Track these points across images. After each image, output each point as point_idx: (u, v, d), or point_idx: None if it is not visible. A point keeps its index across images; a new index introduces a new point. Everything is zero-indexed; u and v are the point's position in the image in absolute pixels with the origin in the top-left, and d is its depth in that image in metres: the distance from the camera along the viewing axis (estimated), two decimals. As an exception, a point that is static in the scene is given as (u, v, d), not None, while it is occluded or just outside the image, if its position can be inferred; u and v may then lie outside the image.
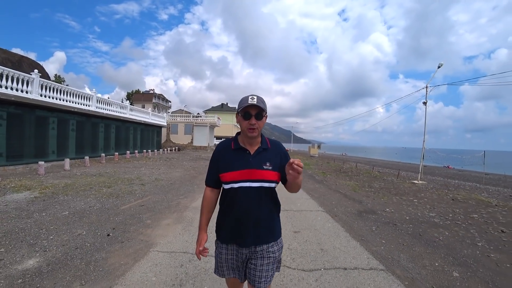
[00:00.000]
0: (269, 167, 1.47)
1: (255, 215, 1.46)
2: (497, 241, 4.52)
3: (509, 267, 3.48)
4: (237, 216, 1.47)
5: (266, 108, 1.49)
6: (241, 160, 1.48)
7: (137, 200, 6.20)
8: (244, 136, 1.51)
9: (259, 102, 1.42)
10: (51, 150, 13.35)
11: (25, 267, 2.91)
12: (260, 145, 1.53)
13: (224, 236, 1.54)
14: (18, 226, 4.23)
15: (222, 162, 1.52)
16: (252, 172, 1.45)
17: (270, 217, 1.53)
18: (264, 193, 1.48)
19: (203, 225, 1.60)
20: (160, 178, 9.80)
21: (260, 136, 1.55)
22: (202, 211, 1.61)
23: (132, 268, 2.90)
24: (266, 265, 1.49)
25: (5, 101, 10.67)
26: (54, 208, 5.34)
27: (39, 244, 3.54)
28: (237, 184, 1.46)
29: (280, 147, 1.61)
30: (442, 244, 4.17)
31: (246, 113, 1.43)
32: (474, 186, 13.31)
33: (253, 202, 1.45)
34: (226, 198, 1.52)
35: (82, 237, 3.84)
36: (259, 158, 1.48)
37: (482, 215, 6.31)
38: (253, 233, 1.46)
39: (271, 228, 1.53)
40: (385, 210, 6.18)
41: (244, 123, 1.45)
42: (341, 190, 8.69)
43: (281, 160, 1.53)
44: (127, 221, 4.63)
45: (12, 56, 28.51)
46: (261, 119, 1.45)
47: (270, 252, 1.51)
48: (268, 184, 1.47)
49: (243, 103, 1.43)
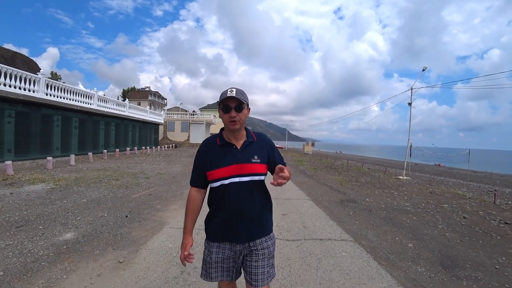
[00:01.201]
0: (257, 160, 1.47)
1: (247, 210, 1.44)
2: (456, 225, 5.33)
3: (458, 242, 4.28)
4: (230, 213, 1.44)
5: (247, 100, 1.48)
6: (229, 155, 1.46)
7: (145, 191, 6.94)
8: (228, 131, 1.49)
9: (238, 94, 1.41)
10: (55, 147, 13.94)
11: (65, 238, 3.63)
12: (246, 139, 1.52)
13: (216, 234, 1.49)
14: (46, 210, 4.93)
15: (209, 160, 1.48)
16: (241, 167, 1.43)
17: (263, 211, 1.52)
18: (255, 187, 1.47)
19: (188, 228, 1.52)
20: (162, 172, 10.54)
21: (245, 130, 1.54)
22: (187, 213, 1.54)
23: (151, 239, 3.66)
24: (261, 261, 1.49)
25: (14, 100, 11.26)
26: (72, 197, 6.04)
27: (70, 223, 4.25)
28: (227, 180, 1.43)
29: (266, 138, 1.61)
30: (407, 226, 4.97)
31: (225, 106, 1.42)
32: (457, 182, 14.21)
33: (245, 197, 1.44)
34: (216, 197, 1.48)
35: (104, 218, 4.57)
36: (246, 152, 1.47)
37: (452, 206, 7.12)
38: (247, 229, 1.45)
39: (264, 222, 1.52)
40: (365, 200, 6.99)
41: (224, 116, 1.43)
42: (329, 184, 9.51)
43: (267, 152, 1.54)
44: (139, 206, 5.38)
45: (5, 52, 27.99)
46: (241, 111, 1.43)
47: (265, 248, 1.50)
48: (258, 177, 1.47)
49: (222, 96, 1.42)
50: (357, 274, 2.86)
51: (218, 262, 1.48)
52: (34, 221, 4.31)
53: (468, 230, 4.95)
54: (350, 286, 2.61)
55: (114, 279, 2.63)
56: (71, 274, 2.73)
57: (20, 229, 3.93)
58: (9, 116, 11.24)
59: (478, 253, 3.85)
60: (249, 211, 1.44)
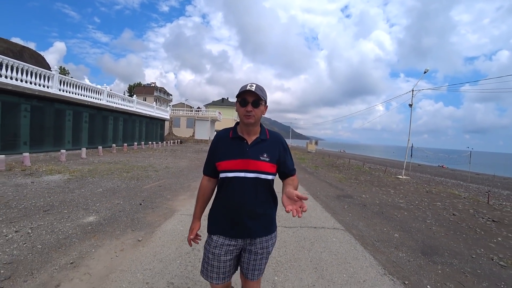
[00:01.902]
0: (266, 158, 1.44)
1: (250, 206, 1.43)
2: (444, 220, 5.71)
3: (442, 235, 4.67)
4: (231, 207, 1.45)
5: (266, 97, 1.46)
6: (237, 149, 1.46)
7: (154, 182, 7.44)
8: (242, 125, 1.48)
9: (257, 90, 1.39)
10: (67, 140, 14.53)
11: (88, 221, 4.12)
12: (258, 135, 1.49)
13: (217, 227, 1.51)
14: (67, 197, 5.43)
15: (219, 151, 1.50)
16: (248, 162, 1.42)
17: (266, 210, 1.50)
18: (260, 185, 1.44)
19: (197, 214, 1.61)
20: (170, 166, 11.05)
21: (260, 126, 1.52)
22: (198, 200, 1.61)
23: (164, 222, 4.13)
24: (259, 260, 1.50)
25: (30, 95, 11.82)
26: (88, 186, 6.54)
27: (91, 209, 4.75)
28: (232, 173, 1.44)
29: (280, 139, 1.56)
30: (397, 219, 5.38)
31: (243, 99, 1.41)
32: (457, 183, 14.47)
33: (248, 193, 1.43)
34: (221, 189, 1.51)
35: (120, 205, 5.06)
36: (256, 149, 1.45)
37: (444, 204, 7.48)
38: (248, 226, 1.44)
39: (267, 221, 1.51)
40: (361, 196, 7.39)
41: (241, 109, 1.43)
42: (328, 181, 9.92)
43: (279, 152, 1.51)
44: (151, 196, 5.87)
45: (14, 46, 27.89)
46: (258, 107, 1.41)
47: (264, 247, 1.50)
48: (265, 176, 1.44)
49: (242, 89, 1.41)
50: (343, 255, 3.29)
51: (215, 255, 1.48)
52: (58, 206, 4.81)
53: (454, 225, 5.33)
54: (337, 264, 3.05)
55: (135, 253, 3.10)
56: (98, 248, 3.20)
57: (48, 213, 4.43)
58: (25, 111, 11.82)
59: (459, 244, 4.25)
60: (252, 208, 1.43)
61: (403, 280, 2.86)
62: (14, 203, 4.86)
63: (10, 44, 28.69)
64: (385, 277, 2.87)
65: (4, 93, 10.70)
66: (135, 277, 2.57)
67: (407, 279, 2.89)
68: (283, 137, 1.59)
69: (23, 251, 3.03)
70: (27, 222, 3.94)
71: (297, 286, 2.58)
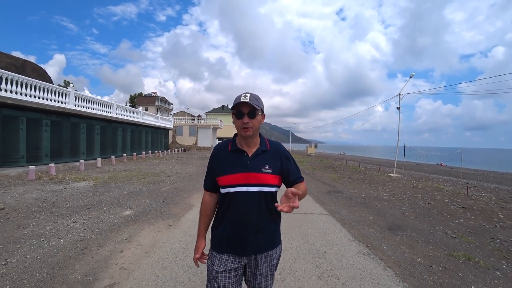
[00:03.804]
0: (268, 170, 1.40)
1: (254, 222, 1.38)
2: (418, 208, 6.74)
3: (411, 218, 5.71)
4: (235, 223, 1.39)
5: (262, 106, 1.43)
6: (238, 162, 1.41)
7: (170, 185, 8.56)
8: (241, 137, 1.44)
9: (252, 100, 1.35)
10: (82, 151, 15.72)
11: (126, 214, 5.22)
12: (259, 147, 1.45)
13: (220, 245, 1.44)
14: (101, 199, 6.53)
15: (218, 165, 1.45)
16: (250, 176, 1.38)
17: (271, 223, 1.45)
18: (264, 198, 1.39)
19: (201, 231, 1.54)
20: (180, 172, 12.18)
21: (259, 137, 1.48)
22: (200, 217, 1.55)
23: (186, 213, 5.24)
24: (264, 273, 1.45)
25: (50, 111, 13.04)
26: (114, 190, 7.65)
27: (125, 206, 5.85)
28: (234, 188, 1.38)
29: (281, 148, 1.52)
30: (376, 207, 6.44)
31: (238, 111, 1.37)
32: (448, 179, 15.37)
33: (252, 208, 1.37)
34: (223, 204, 1.44)
35: (147, 202, 6.17)
36: (257, 161, 1.41)
37: (424, 196, 8.50)
38: (253, 242, 1.39)
39: (271, 236, 1.46)
40: (350, 191, 8.47)
41: (237, 122, 1.38)
42: (322, 180, 11.01)
43: (281, 162, 1.47)
44: (170, 195, 6.98)
45: (16, 61, 28.36)
46: (254, 118, 1.37)
47: (269, 261, 1.45)
48: (268, 188, 1.40)
49: (236, 101, 1.37)
50: (325, 230, 4.38)
51: (218, 273, 1.40)
52: (97, 205, 5.91)
53: (426, 211, 6.36)
54: (318, 235, 4.13)
55: (169, 232, 4.20)
56: (141, 231, 4.30)
57: (91, 210, 5.53)
58: (46, 125, 13.02)
59: (423, 224, 5.30)
60: (256, 223, 1.38)
61: (366, 244, 3.94)
62: (60, 204, 5.96)
63: (13, 59, 29.11)
64: (353, 242, 3.95)
65: (29, 110, 11.92)
66: (174, 245, 3.67)
67: (369, 244, 3.97)
68: (283, 146, 1.56)
69: (86, 233, 4.13)
70: (78, 216, 5.04)
71: (289, 248, 3.66)
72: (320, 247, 3.71)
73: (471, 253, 3.84)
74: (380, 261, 3.38)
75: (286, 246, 3.70)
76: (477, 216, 6.07)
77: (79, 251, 3.49)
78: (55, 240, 3.82)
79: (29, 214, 5.12)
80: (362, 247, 3.80)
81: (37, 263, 3.13)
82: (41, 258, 3.26)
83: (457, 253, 3.79)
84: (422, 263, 3.42)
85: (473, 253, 3.82)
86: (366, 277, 2.92)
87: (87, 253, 3.45)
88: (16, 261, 3.15)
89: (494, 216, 6.17)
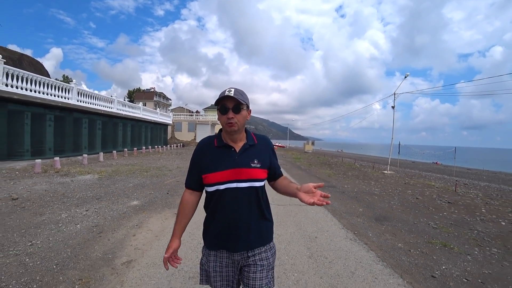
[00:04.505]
0: (257, 164, 1.37)
1: (245, 218, 1.35)
2: (406, 202, 7.19)
3: (398, 211, 6.15)
4: (226, 221, 1.35)
5: (248, 101, 1.38)
6: (226, 158, 1.36)
7: (172, 179, 8.96)
8: (226, 133, 1.39)
9: (237, 94, 1.31)
10: (83, 146, 16.05)
11: (134, 204, 5.62)
12: (246, 141, 1.42)
13: (212, 242, 1.41)
14: (108, 190, 6.92)
15: (204, 162, 1.38)
16: (239, 172, 1.34)
17: (261, 219, 1.43)
18: (254, 193, 1.37)
19: (176, 231, 1.44)
20: (180, 167, 12.58)
21: (245, 132, 1.45)
22: (178, 217, 1.46)
23: (190, 204, 5.64)
24: (260, 273, 1.40)
25: (53, 106, 13.35)
26: (119, 183, 8.03)
27: (131, 197, 6.25)
28: (223, 185, 1.33)
29: (268, 142, 1.51)
30: (367, 201, 6.88)
31: (222, 106, 1.33)
32: (441, 177, 15.84)
33: (242, 204, 1.34)
34: (211, 202, 1.39)
35: (152, 194, 6.57)
36: (245, 156, 1.38)
37: (414, 191, 8.95)
38: (245, 238, 1.36)
39: (263, 231, 1.43)
40: (343, 186, 8.92)
41: (222, 118, 1.34)
42: (317, 175, 11.47)
43: (270, 156, 1.46)
44: (173, 188, 7.39)
45: (12, 54, 27.98)
46: (239, 113, 1.32)
47: (263, 259, 1.42)
48: (258, 183, 1.37)
49: (220, 96, 1.33)
50: (317, 219, 4.81)
51: (216, 271, 1.40)
52: (105, 196, 6.30)
53: (413, 205, 6.80)
54: (311, 224, 4.56)
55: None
56: (150, 218, 4.71)
57: (100, 200, 5.92)
58: (50, 120, 13.33)
59: (408, 216, 5.73)
60: (247, 219, 1.36)
61: (353, 231, 4.37)
62: (69, 194, 6.34)
63: (9, 52, 28.62)
64: (342, 230, 4.39)
65: (34, 105, 12.22)
66: (181, 230, 4.08)
67: (356, 231, 4.40)
68: (269, 140, 1.56)
69: (99, 220, 4.53)
70: (89, 205, 5.44)
71: (284, 233, 4.08)
72: (311, 233, 4.14)
73: (448, 241, 4.27)
74: (364, 245, 3.81)
75: (281, 232, 4.13)
76: (461, 211, 6.50)
77: (96, 234, 3.90)
78: (72, 226, 4.22)
79: (42, 203, 5.50)
80: (349, 234, 4.23)
81: (60, 244, 3.53)
82: (63, 240, 3.66)
83: (435, 241, 4.23)
84: (402, 248, 3.86)
85: (450, 241, 4.26)
86: (351, 258, 3.35)
87: (103, 236, 3.85)
88: (40, 243, 3.54)
89: (477, 210, 6.61)
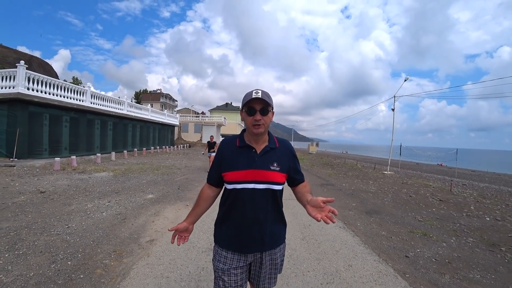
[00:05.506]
0: (276, 167, 1.38)
1: (260, 219, 1.36)
2: (399, 199, 7.70)
3: (390, 206, 6.69)
4: (240, 221, 1.38)
5: (272, 103, 1.38)
6: (246, 159, 1.37)
7: (181, 176, 9.65)
8: (250, 134, 1.40)
9: (264, 96, 1.32)
10: (96, 146, 16.86)
11: (150, 197, 6.29)
12: (267, 144, 1.42)
13: (225, 242, 1.43)
14: (124, 186, 7.61)
15: (225, 160, 1.41)
16: (258, 173, 1.35)
17: (277, 221, 1.46)
18: (271, 196, 1.38)
19: (190, 216, 1.49)
20: (188, 166, 13.29)
21: (268, 134, 1.44)
22: (196, 205, 1.52)
23: (199, 197, 6.30)
24: (269, 270, 1.46)
25: (69, 108, 14.18)
26: (133, 180, 8.73)
27: (146, 191, 6.92)
28: (240, 185, 1.36)
29: (289, 146, 1.52)
30: (362, 198, 7.43)
31: (250, 108, 1.33)
32: (441, 178, 16.12)
33: (258, 205, 1.36)
34: (228, 201, 1.42)
35: (165, 189, 7.24)
36: (266, 158, 1.38)
37: (409, 190, 9.42)
38: (258, 239, 1.38)
39: (277, 233, 1.46)
40: (341, 184, 9.47)
41: (248, 119, 1.34)
42: (319, 175, 12.03)
43: (290, 160, 1.46)
44: (184, 184, 8.06)
45: (22, 56, 28.79)
46: (266, 115, 1.34)
47: (274, 259, 1.46)
48: (276, 186, 1.38)
49: (247, 97, 1.34)
50: (312, 211, 5.39)
51: (224, 271, 1.40)
52: (122, 191, 6.98)
53: (405, 202, 7.31)
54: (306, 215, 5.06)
55: (187, 210, 5.14)
56: (165, 209, 5.36)
57: (119, 194, 6.60)
58: (66, 121, 14.16)
59: (398, 211, 6.27)
60: (262, 221, 1.36)
61: (344, 222, 4.96)
62: (90, 189, 7.04)
63: (20, 54, 30.21)
64: (334, 220, 4.97)
65: (52, 107, 13.05)
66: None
67: (347, 221, 4.99)
68: (291, 144, 1.56)
69: (121, 210, 5.20)
70: (110, 198, 6.11)
71: (282, 222, 4.69)
72: (306, 222, 4.75)
73: (429, 231, 4.81)
74: (352, 232, 4.40)
75: (280, 220, 4.74)
76: (450, 208, 6.99)
77: (121, 220, 4.56)
78: (99, 213, 4.89)
79: (68, 196, 6.19)
80: (340, 223, 4.82)
81: (92, 227, 4.19)
82: (94, 224, 4.33)
83: (417, 231, 4.78)
84: (384, 235, 4.44)
85: (431, 232, 4.80)
86: (337, 240, 3.95)
87: (127, 221, 4.52)
88: (75, 226, 4.21)
89: (466, 208, 7.08)
